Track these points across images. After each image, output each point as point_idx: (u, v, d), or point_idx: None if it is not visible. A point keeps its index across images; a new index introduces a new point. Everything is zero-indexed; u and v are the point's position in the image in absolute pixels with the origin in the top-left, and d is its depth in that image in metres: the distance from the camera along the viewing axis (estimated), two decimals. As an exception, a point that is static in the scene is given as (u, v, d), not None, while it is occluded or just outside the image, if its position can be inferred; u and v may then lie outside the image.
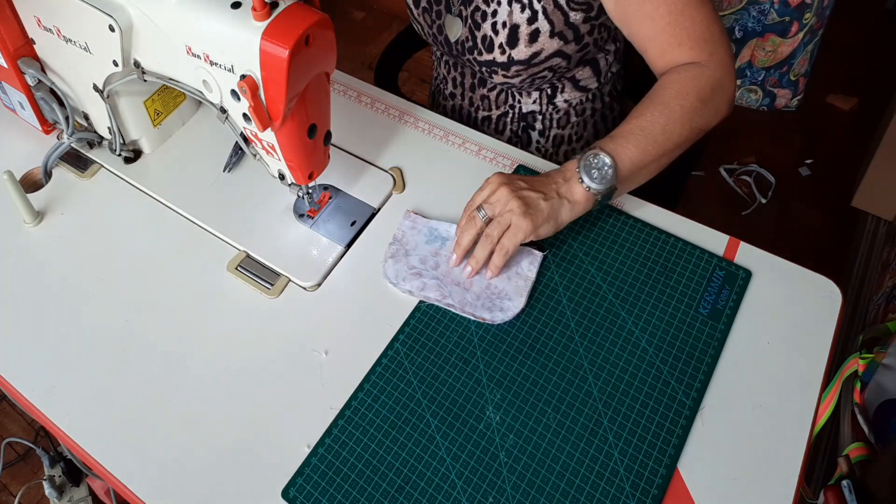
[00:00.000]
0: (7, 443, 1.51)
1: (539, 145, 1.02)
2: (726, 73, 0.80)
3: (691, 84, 0.78)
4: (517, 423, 0.68)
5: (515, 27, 0.85)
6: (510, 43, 0.86)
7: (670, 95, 0.78)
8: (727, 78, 0.80)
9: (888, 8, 2.35)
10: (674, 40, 0.78)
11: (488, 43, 0.88)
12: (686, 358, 0.71)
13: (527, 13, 0.84)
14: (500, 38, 0.87)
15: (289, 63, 0.62)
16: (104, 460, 0.67)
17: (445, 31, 0.94)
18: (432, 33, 0.97)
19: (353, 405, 0.70)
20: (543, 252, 0.78)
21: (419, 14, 0.96)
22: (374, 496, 0.64)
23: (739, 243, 0.80)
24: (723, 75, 0.79)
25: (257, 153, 0.77)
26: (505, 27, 0.86)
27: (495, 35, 0.87)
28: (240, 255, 0.81)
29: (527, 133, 1.01)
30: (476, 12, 0.88)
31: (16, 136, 0.95)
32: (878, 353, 1.08)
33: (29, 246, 0.84)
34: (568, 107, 0.98)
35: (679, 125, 0.77)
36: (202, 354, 0.74)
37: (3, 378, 0.73)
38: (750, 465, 0.65)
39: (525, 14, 0.84)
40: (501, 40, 0.87)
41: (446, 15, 0.92)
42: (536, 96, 0.97)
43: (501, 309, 0.74)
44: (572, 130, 1.01)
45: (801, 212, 1.90)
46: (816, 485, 1.29)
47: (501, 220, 0.73)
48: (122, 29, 0.73)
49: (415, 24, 1.00)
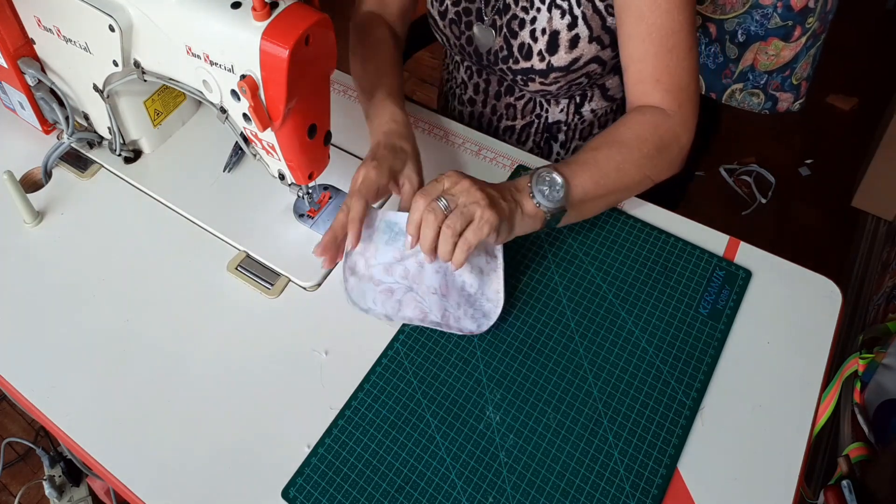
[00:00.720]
0: (7, 443, 1.51)
1: (559, 157, 1.01)
2: (686, 130, 0.79)
3: (652, 130, 0.77)
4: (517, 423, 0.68)
5: (556, 33, 0.84)
6: (550, 50, 0.85)
7: (630, 137, 0.77)
8: (685, 136, 0.79)
9: (888, 8, 2.35)
10: (654, 72, 0.78)
11: (526, 51, 0.87)
12: (686, 358, 0.71)
13: (567, 19, 0.83)
14: (539, 45, 0.86)
15: (289, 63, 0.62)
16: (104, 460, 0.67)
17: (476, 43, 0.92)
18: (459, 44, 0.95)
19: (353, 405, 0.70)
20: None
21: (445, 26, 0.94)
22: (374, 496, 0.64)
23: (739, 243, 0.80)
24: (682, 132, 0.79)
25: (257, 153, 0.77)
26: (545, 34, 0.85)
27: (534, 42, 0.86)
28: (240, 255, 0.81)
29: (549, 144, 1.01)
30: (513, 21, 0.87)
31: (16, 136, 0.95)
32: (878, 353, 1.08)
33: (29, 246, 0.84)
34: (593, 117, 0.97)
35: (634, 167, 0.76)
36: (202, 354, 0.74)
37: (3, 378, 0.73)
38: (750, 465, 0.65)
39: (566, 20, 0.83)
40: (541, 47, 0.86)
41: (477, 25, 0.91)
42: (565, 104, 0.96)
43: (484, 314, 0.72)
44: None
45: (801, 212, 1.90)
46: (816, 485, 1.29)
47: (465, 210, 0.67)
48: (122, 29, 0.73)
49: (438, 34, 0.98)
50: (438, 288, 0.71)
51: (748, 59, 0.96)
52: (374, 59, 0.88)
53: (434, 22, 0.96)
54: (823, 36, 0.94)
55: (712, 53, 0.98)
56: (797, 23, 0.91)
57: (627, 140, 0.77)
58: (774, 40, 0.93)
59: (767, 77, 0.97)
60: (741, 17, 0.93)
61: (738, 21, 0.93)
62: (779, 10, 0.90)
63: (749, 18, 0.92)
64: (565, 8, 0.83)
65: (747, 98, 0.99)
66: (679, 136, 0.79)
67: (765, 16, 0.91)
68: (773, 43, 0.93)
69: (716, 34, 0.96)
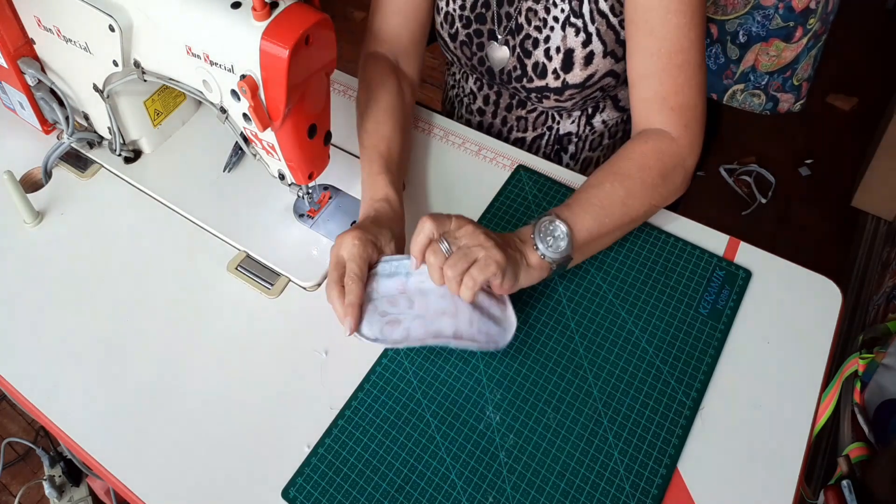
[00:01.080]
0: (7, 443, 1.51)
1: (569, 167, 1.01)
2: (691, 152, 0.78)
3: (655, 158, 0.76)
4: (517, 423, 0.68)
5: (570, 51, 0.83)
6: (564, 68, 0.85)
7: (633, 168, 0.75)
8: (690, 158, 0.78)
9: (888, 8, 2.35)
10: (661, 90, 0.76)
11: (540, 70, 0.86)
12: (686, 358, 0.71)
13: (581, 36, 0.82)
14: (553, 63, 0.85)
15: (289, 63, 0.62)
16: (104, 460, 0.67)
17: (488, 62, 0.91)
18: (471, 64, 0.94)
19: (353, 405, 0.70)
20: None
21: (456, 47, 0.93)
22: (374, 496, 0.64)
23: (739, 243, 0.80)
24: (687, 155, 0.77)
25: (257, 153, 0.77)
26: (559, 52, 0.84)
27: (548, 61, 0.85)
28: (240, 255, 0.81)
29: (559, 156, 1.00)
30: (527, 40, 0.86)
31: (16, 136, 0.95)
32: (878, 353, 1.08)
33: (29, 246, 0.84)
34: (604, 128, 0.97)
35: (639, 200, 0.75)
36: (202, 354, 0.74)
37: (3, 378, 0.73)
38: (750, 465, 0.65)
39: (580, 37, 0.82)
40: (556, 66, 0.85)
41: (490, 44, 0.90)
42: (576, 116, 0.95)
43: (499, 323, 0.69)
44: (601, 153, 1.00)
45: (801, 212, 1.90)
46: (816, 485, 1.29)
47: (468, 252, 0.65)
48: (122, 29, 0.73)
49: (448, 54, 0.96)
50: (447, 309, 0.69)
51: (749, 60, 0.96)
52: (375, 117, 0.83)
53: (444, 43, 0.95)
54: (824, 37, 0.94)
55: (713, 54, 0.98)
56: (798, 23, 0.91)
57: (630, 172, 0.75)
58: (776, 41, 0.93)
59: (768, 78, 0.97)
60: (742, 18, 0.93)
61: (739, 22, 0.93)
62: (780, 10, 0.90)
63: (750, 19, 0.92)
64: (580, 26, 0.82)
65: (748, 99, 0.99)
66: (684, 159, 0.77)
67: (766, 16, 0.91)
68: (775, 44, 0.93)
69: (717, 35, 0.96)
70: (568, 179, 0.87)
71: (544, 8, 0.83)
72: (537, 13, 0.84)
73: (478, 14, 0.89)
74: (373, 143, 0.81)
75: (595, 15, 0.81)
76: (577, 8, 0.81)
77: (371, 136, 0.81)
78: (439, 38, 0.95)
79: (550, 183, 0.86)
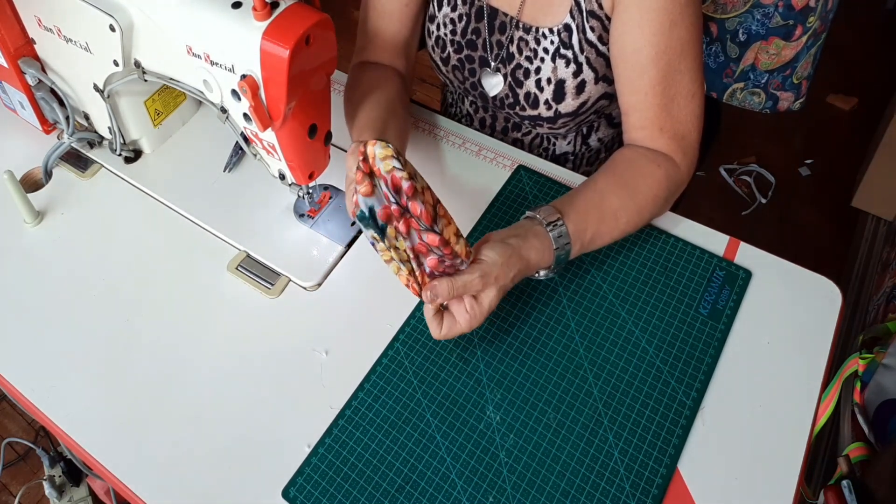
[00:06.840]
0: (7, 443, 1.51)
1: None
2: (689, 175, 0.80)
3: (665, 184, 0.77)
4: (517, 423, 0.68)
5: (561, 83, 0.83)
6: (556, 98, 0.84)
7: (646, 188, 0.76)
8: (688, 180, 0.80)
9: (888, 8, 2.35)
10: (657, 121, 0.77)
11: (532, 100, 0.86)
12: (686, 358, 0.71)
13: (572, 67, 0.82)
14: (545, 94, 0.84)
15: (289, 63, 0.62)
16: (104, 460, 0.67)
17: (481, 88, 0.91)
18: (464, 88, 0.94)
19: (353, 405, 0.70)
20: None
21: (448, 71, 0.93)
22: (375, 496, 0.64)
23: (739, 243, 0.80)
24: (686, 177, 0.80)
25: (258, 153, 0.77)
26: (550, 83, 0.83)
27: (540, 92, 0.85)
28: (240, 255, 0.81)
29: None
30: (517, 70, 0.85)
31: (16, 136, 0.95)
32: (878, 353, 1.08)
33: (29, 246, 0.84)
34: (600, 145, 0.97)
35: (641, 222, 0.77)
36: (202, 354, 0.74)
37: (3, 378, 0.73)
38: (750, 465, 0.65)
39: (570, 68, 0.82)
40: (547, 97, 0.84)
41: (482, 70, 0.89)
42: (572, 137, 0.95)
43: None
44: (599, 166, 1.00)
45: (801, 212, 1.90)
46: (816, 485, 1.29)
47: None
48: (123, 29, 0.73)
49: (441, 76, 0.96)
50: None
51: (749, 59, 0.96)
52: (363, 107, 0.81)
53: (437, 66, 0.94)
54: (824, 35, 0.94)
55: (713, 53, 0.98)
56: (798, 22, 0.91)
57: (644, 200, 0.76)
58: (775, 39, 0.93)
59: (768, 76, 0.97)
60: (742, 17, 0.93)
61: (739, 20, 0.93)
62: (780, 9, 0.90)
63: (750, 18, 0.92)
64: (570, 57, 0.81)
65: (748, 97, 0.99)
66: (683, 182, 0.79)
67: (766, 15, 0.91)
68: (774, 42, 0.93)
69: (717, 33, 0.96)
70: (568, 179, 0.87)
71: (534, 39, 0.83)
72: (528, 43, 0.83)
73: (468, 41, 0.88)
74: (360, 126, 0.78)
75: (584, 45, 0.80)
76: (566, 39, 0.80)
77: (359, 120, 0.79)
78: (432, 61, 0.95)
79: (551, 183, 0.86)
